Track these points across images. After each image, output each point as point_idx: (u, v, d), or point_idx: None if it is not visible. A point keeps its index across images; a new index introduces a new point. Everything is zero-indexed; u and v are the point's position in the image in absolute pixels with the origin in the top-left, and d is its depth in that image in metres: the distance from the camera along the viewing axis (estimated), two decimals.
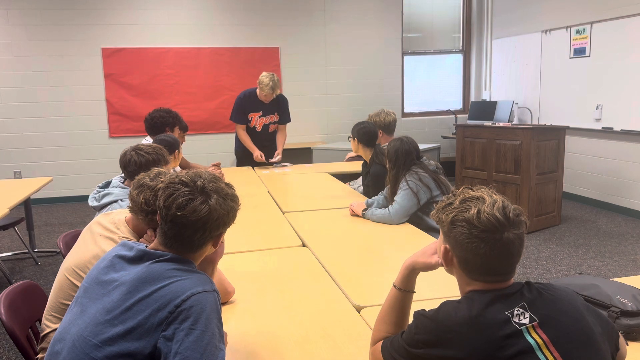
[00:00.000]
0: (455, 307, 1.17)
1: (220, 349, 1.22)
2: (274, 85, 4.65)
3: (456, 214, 1.18)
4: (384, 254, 2.46)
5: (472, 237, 1.15)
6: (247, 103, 4.86)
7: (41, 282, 4.05)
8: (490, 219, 1.14)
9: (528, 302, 1.14)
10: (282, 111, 4.97)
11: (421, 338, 1.16)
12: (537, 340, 1.09)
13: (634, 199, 5.62)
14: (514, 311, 1.12)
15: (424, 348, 1.14)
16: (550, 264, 4.30)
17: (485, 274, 1.18)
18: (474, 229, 1.15)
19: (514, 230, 1.15)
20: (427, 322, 1.17)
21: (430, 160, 3.15)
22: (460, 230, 1.17)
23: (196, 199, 1.32)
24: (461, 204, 1.19)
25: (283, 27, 7.32)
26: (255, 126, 4.90)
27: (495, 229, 1.14)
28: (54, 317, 1.87)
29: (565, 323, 1.12)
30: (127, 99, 6.95)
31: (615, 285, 1.69)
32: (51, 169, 6.83)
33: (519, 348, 1.07)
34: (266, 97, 4.74)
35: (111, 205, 2.47)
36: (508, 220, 1.15)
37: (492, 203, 1.17)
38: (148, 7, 6.88)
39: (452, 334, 1.11)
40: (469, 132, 5.60)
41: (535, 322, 1.11)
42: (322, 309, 1.83)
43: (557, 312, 1.14)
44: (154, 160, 2.53)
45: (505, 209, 1.16)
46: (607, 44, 5.69)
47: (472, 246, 1.15)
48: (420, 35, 8.01)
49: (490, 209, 1.15)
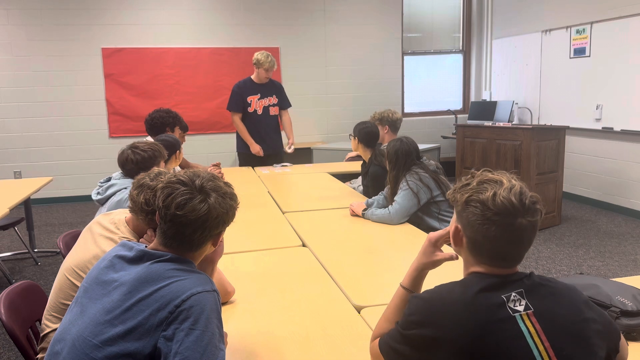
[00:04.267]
0: (449, 288, 1.17)
1: (220, 349, 1.22)
2: (272, 60, 4.81)
3: (471, 194, 1.17)
4: (384, 254, 2.45)
5: (485, 218, 1.14)
6: (244, 88, 4.95)
7: (41, 282, 4.05)
8: (506, 202, 1.13)
9: (526, 290, 1.14)
10: (280, 94, 5.08)
11: (414, 319, 1.16)
12: (529, 328, 1.09)
13: (634, 199, 5.62)
14: (510, 296, 1.12)
15: (416, 328, 1.14)
16: (550, 264, 4.30)
17: (492, 257, 1.17)
18: (487, 210, 1.14)
19: (528, 217, 1.14)
20: (420, 303, 1.18)
21: (430, 160, 3.16)
22: (474, 210, 1.16)
23: (195, 198, 1.32)
24: (478, 185, 1.18)
25: (283, 27, 7.32)
26: (255, 109, 4.95)
27: (509, 213, 1.13)
28: (54, 317, 1.87)
29: (561, 315, 1.13)
30: (127, 99, 6.94)
31: (615, 285, 1.69)
32: (51, 169, 6.83)
33: (510, 334, 1.08)
34: (267, 72, 4.85)
35: (117, 193, 2.50)
36: (523, 206, 1.14)
37: (510, 187, 1.15)
38: (148, 7, 6.88)
39: (444, 314, 1.12)
40: (469, 132, 5.60)
41: (530, 310, 1.11)
42: (322, 309, 1.83)
43: (553, 304, 1.14)
44: (150, 157, 2.54)
45: (522, 195, 1.15)
46: (607, 44, 5.69)
47: (483, 228, 1.14)
48: (420, 35, 8.01)
49: (507, 193, 1.14)
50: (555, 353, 1.08)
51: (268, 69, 4.82)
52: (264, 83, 4.97)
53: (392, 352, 1.21)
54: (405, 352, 1.17)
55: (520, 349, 1.07)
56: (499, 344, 1.07)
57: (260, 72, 4.86)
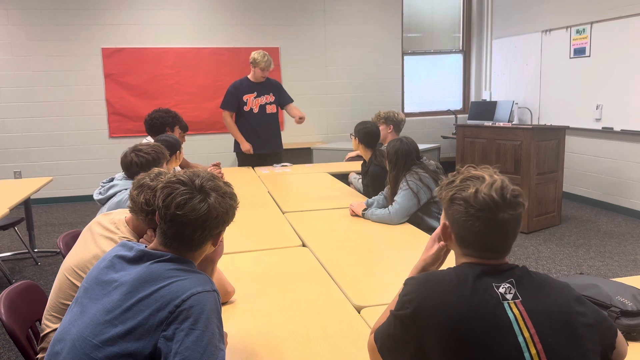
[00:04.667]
0: (444, 272, 1.22)
1: (220, 349, 1.22)
2: (269, 60, 4.83)
3: (455, 192, 1.22)
4: (384, 254, 2.45)
5: (469, 215, 1.19)
6: (240, 88, 4.96)
7: (41, 282, 4.05)
8: (487, 198, 1.18)
9: (516, 280, 1.17)
10: (278, 92, 5.09)
11: (408, 298, 1.18)
12: (516, 316, 1.12)
13: (634, 199, 5.62)
14: (500, 284, 1.15)
15: (409, 307, 1.16)
16: (550, 264, 4.30)
17: (480, 249, 1.21)
18: (470, 207, 1.19)
19: (510, 211, 1.18)
20: (415, 282, 1.21)
21: (430, 160, 3.16)
22: (458, 208, 1.21)
23: (195, 198, 1.32)
24: (461, 182, 1.23)
25: (283, 27, 7.32)
26: (252, 108, 4.96)
27: (491, 208, 1.17)
28: (54, 317, 1.87)
29: (548, 305, 1.15)
30: (127, 99, 6.95)
31: (615, 285, 1.69)
32: (51, 169, 6.83)
33: (497, 319, 1.11)
34: (263, 71, 4.86)
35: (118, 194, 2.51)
36: (504, 200, 1.18)
37: (491, 183, 1.20)
38: (148, 7, 6.88)
39: (438, 294, 1.15)
40: (469, 132, 5.60)
41: (518, 299, 1.14)
42: (322, 309, 1.83)
43: (542, 295, 1.17)
44: (153, 160, 2.55)
45: (503, 190, 1.19)
46: (607, 44, 5.69)
47: (468, 224, 1.19)
48: (420, 35, 8.01)
49: (488, 189, 1.18)
50: (540, 341, 1.10)
51: (264, 69, 4.84)
52: (261, 82, 4.97)
53: (386, 337, 1.22)
54: (396, 335, 1.18)
55: (505, 335, 1.09)
56: (486, 328, 1.10)
57: (257, 72, 4.88)
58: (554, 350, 1.09)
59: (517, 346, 1.08)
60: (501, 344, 1.08)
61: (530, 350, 1.08)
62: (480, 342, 1.09)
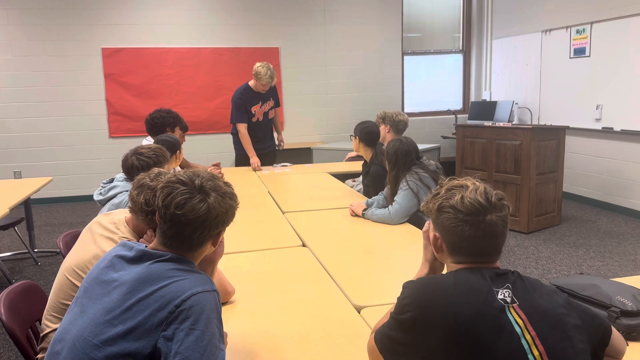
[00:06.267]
0: (443, 276, 1.25)
1: (220, 349, 1.22)
2: (272, 74, 4.78)
3: (442, 202, 1.28)
4: (384, 254, 2.45)
5: (458, 220, 1.24)
6: (247, 99, 4.91)
7: (41, 282, 4.05)
8: (474, 202, 1.23)
9: (511, 284, 1.20)
10: (275, 96, 5.10)
11: (407, 302, 1.20)
12: (516, 319, 1.14)
13: (634, 199, 5.62)
14: (499, 289, 1.18)
15: (410, 311, 1.17)
16: (550, 264, 4.30)
17: (472, 254, 1.25)
18: (458, 213, 1.24)
19: (497, 213, 1.24)
20: (414, 286, 1.22)
21: (430, 160, 3.16)
22: (447, 215, 1.25)
23: (195, 198, 1.32)
24: (447, 192, 1.29)
25: (283, 27, 7.32)
26: (258, 118, 4.97)
27: (478, 211, 1.22)
28: (54, 317, 1.87)
29: (541, 306, 1.18)
30: (127, 99, 6.95)
31: (615, 285, 1.69)
32: (51, 169, 6.83)
33: (499, 323, 1.12)
34: (264, 86, 4.84)
35: (118, 195, 2.51)
36: (490, 203, 1.24)
37: (475, 189, 1.25)
38: (148, 7, 6.88)
39: (439, 298, 1.17)
40: (469, 132, 5.60)
41: (515, 303, 1.16)
42: (322, 309, 1.83)
43: (535, 296, 1.20)
44: (154, 163, 2.57)
45: (487, 194, 1.25)
46: (607, 44, 5.69)
47: (458, 229, 1.24)
48: (420, 35, 8.01)
49: (473, 195, 1.24)
50: (541, 342, 1.12)
51: (265, 84, 4.79)
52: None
53: (386, 339, 1.23)
54: (398, 337, 1.19)
55: (509, 337, 1.11)
56: (491, 332, 1.11)
57: (258, 85, 4.83)
58: (554, 351, 1.11)
59: (521, 348, 1.10)
60: (506, 347, 1.10)
61: (533, 352, 1.10)
62: (486, 345, 1.10)
